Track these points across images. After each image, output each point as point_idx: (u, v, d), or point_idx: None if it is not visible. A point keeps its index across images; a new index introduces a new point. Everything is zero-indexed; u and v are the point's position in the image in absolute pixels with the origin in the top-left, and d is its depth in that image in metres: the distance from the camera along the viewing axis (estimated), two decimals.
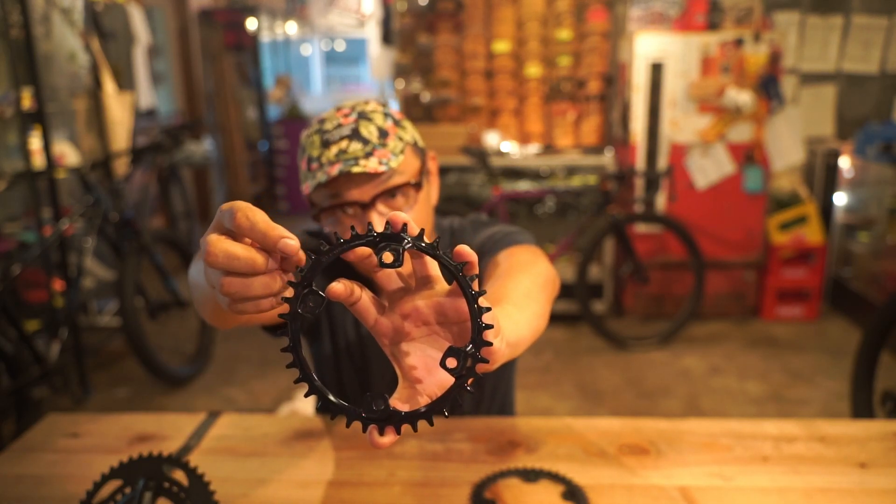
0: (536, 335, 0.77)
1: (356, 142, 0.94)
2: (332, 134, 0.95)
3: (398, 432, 0.51)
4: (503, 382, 1.25)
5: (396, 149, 0.96)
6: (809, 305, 3.78)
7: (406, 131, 1.00)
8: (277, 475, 1.02)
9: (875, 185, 3.60)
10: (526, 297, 0.81)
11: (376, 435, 0.50)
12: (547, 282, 0.92)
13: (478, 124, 4.23)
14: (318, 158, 0.95)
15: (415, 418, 0.50)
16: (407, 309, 0.54)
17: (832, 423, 1.12)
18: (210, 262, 0.51)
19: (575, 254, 3.82)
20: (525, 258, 0.97)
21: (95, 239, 2.97)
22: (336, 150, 0.94)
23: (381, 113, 0.99)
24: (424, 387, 0.53)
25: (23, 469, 1.06)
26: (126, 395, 3.06)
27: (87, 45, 3.50)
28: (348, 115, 0.97)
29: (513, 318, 0.69)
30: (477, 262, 0.51)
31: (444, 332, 0.55)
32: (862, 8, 3.99)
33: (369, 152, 0.94)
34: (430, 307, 0.54)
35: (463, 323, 0.54)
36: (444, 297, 0.54)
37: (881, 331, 2.20)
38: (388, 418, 0.50)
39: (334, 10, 7.84)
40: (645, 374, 3.20)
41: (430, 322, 0.55)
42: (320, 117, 1.00)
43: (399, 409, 0.51)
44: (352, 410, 0.51)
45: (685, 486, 0.96)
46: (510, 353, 0.65)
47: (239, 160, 6.43)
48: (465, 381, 0.50)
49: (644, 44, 3.53)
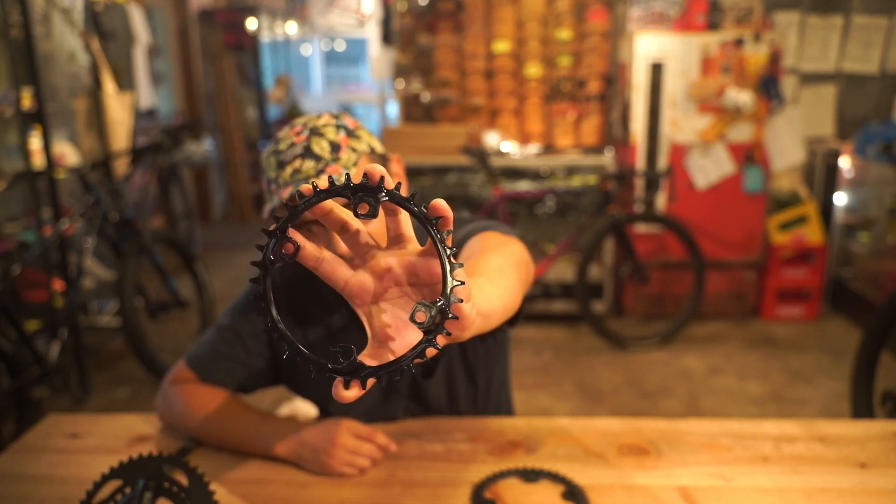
0: (509, 311, 0.77)
1: (308, 160, 0.94)
2: (286, 154, 0.96)
3: (364, 386, 0.50)
4: (497, 378, 1.25)
5: (349, 161, 0.96)
6: (809, 305, 3.78)
7: (360, 141, 0.99)
8: (277, 475, 1.02)
9: (875, 185, 3.60)
10: (498, 272, 0.81)
11: (341, 388, 0.50)
12: (521, 262, 0.92)
13: (478, 124, 4.23)
14: (275, 180, 0.96)
15: (381, 371, 0.50)
16: (378, 269, 0.54)
17: (832, 423, 1.12)
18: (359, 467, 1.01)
19: (575, 254, 3.82)
20: (497, 240, 0.97)
21: (95, 239, 2.97)
22: (290, 170, 0.94)
23: (332, 126, 0.98)
24: (393, 346, 0.53)
25: (23, 469, 1.06)
26: (126, 395, 3.06)
27: (87, 45, 3.50)
28: (300, 132, 0.97)
29: (484, 289, 0.69)
30: (452, 217, 0.50)
31: (415, 294, 0.55)
32: (862, 8, 3.99)
33: (321, 170, 0.94)
34: (402, 267, 0.53)
35: (434, 285, 0.53)
36: (417, 257, 0.53)
37: (881, 331, 2.20)
38: (353, 371, 0.50)
39: (334, 10, 7.84)
40: (645, 374, 3.20)
41: (402, 283, 0.54)
42: (276, 136, 1.00)
43: (366, 363, 0.51)
44: (318, 362, 0.51)
45: (685, 486, 0.96)
46: (482, 325, 0.66)
47: (239, 160, 6.43)
48: (434, 337, 0.49)
49: (644, 44, 3.53)
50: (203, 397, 1.10)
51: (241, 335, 1.13)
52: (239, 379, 1.14)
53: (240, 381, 1.14)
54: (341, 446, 1.00)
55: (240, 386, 1.15)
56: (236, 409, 1.09)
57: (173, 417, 1.12)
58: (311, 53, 8.71)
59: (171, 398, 1.12)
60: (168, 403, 1.12)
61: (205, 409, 1.08)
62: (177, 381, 1.14)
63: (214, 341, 1.14)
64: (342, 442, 1.00)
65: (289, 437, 1.03)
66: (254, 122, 6.80)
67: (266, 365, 1.16)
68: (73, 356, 2.88)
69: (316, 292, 1.13)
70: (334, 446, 1.00)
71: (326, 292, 1.14)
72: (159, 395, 1.15)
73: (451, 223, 0.51)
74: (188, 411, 1.09)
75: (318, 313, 1.14)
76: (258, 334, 1.14)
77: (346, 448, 1.00)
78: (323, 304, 1.13)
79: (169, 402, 1.12)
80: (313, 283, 1.13)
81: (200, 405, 1.09)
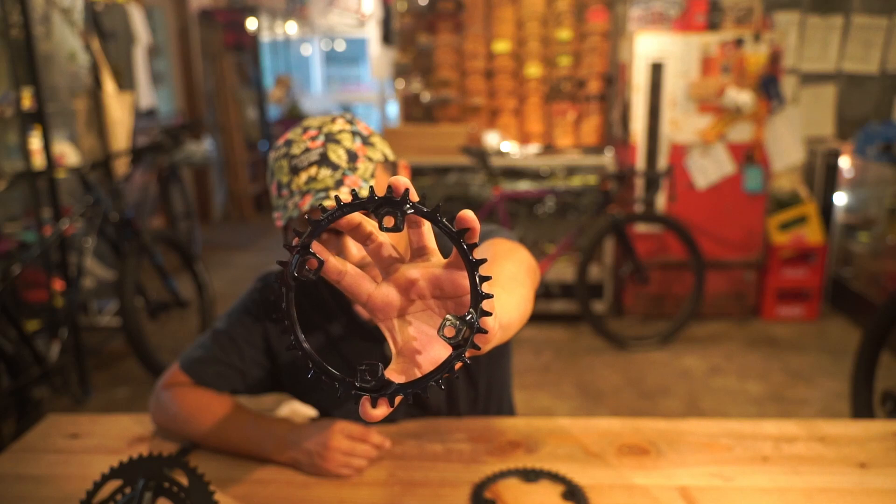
0: (524, 320, 0.77)
1: (325, 167, 0.93)
2: (301, 159, 0.94)
3: (392, 404, 0.49)
4: (497, 381, 1.24)
5: (367, 172, 0.95)
6: (809, 305, 3.78)
7: (375, 149, 0.98)
8: (277, 475, 1.02)
9: (875, 185, 3.60)
10: (512, 280, 0.80)
11: (368, 406, 0.49)
12: (530, 269, 0.92)
13: (478, 124, 4.23)
14: (287, 185, 0.94)
15: (409, 389, 0.49)
16: (402, 282, 0.53)
17: (832, 423, 1.12)
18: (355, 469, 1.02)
19: (575, 254, 3.82)
20: (507, 247, 0.97)
21: (95, 239, 2.97)
22: (305, 177, 0.93)
23: (348, 133, 0.97)
24: (420, 360, 0.52)
25: (23, 469, 1.06)
26: (126, 395, 3.06)
27: (87, 45, 3.50)
28: (315, 137, 0.95)
29: (502, 300, 0.68)
30: (479, 229, 0.49)
31: (439, 308, 0.54)
32: (862, 8, 3.99)
33: (339, 180, 0.92)
34: (426, 280, 0.52)
35: (459, 297, 0.52)
36: (441, 269, 0.52)
37: (881, 331, 2.20)
38: (380, 389, 0.49)
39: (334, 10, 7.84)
40: (645, 374, 3.20)
41: (426, 296, 0.53)
42: (287, 138, 0.98)
43: (394, 380, 0.49)
44: (344, 380, 0.50)
45: (685, 486, 0.96)
46: (501, 336, 0.65)
47: (239, 160, 6.43)
48: (463, 352, 0.48)
49: (644, 44, 3.53)
50: (197, 401, 1.10)
51: (237, 341, 1.13)
52: (233, 384, 1.13)
53: (234, 386, 1.14)
54: (335, 448, 1.00)
55: (234, 391, 1.15)
56: (231, 414, 1.09)
57: (167, 421, 1.12)
58: (311, 53, 8.71)
59: (165, 402, 1.12)
60: (162, 407, 1.12)
61: (199, 413, 1.08)
62: (171, 385, 1.13)
63: (210, 346, 1.13)
64: (336, 444, 1.00)
65: (283, 441, 1.03)
66: (254, 122, 6.80)
67: (262, 373, 1.15)
68: (73, 356, 2.88)
69: (316, 300, 1.13)
70: (328, 449, 1.00)
71: (327, 300, 1.14)
72: (152, 398, 1.14)
73: (477, 235, 0.49)
74: (182, 415, 1.09)
75: (318, 321, 1.13)
76: (254, 341, 1.14)
77: (341, 450, 1.00)
78: (324, 313, 1.13)
79: (163, 406, 1.12)
80: (314, 291, 1.13)
81: (195, 409, 1.09)
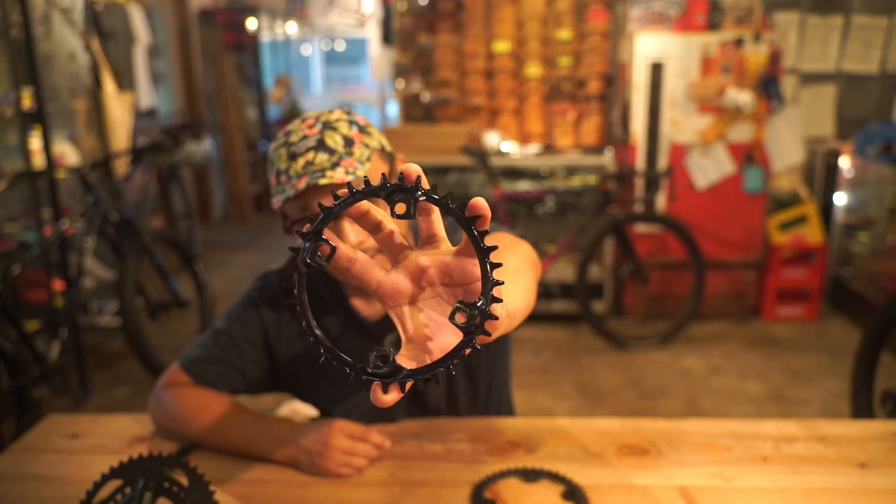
0: (528, 311, 0.78)
1: (322, 152, 0.95)
2: (298, 146, 0.96)
3: (403, 390, 0.50)
4: (497, 380, 1.24)
5: (363, 156, 0.97)
6: (809, 305, 3.78)
7: (372, 137, 1.00)
8: (277, 475, 1.02)
9: (875, 185, 3.60)
10: (517, 272, 0.81)
11: (380, 392, 0.49)
12: (533, 262, 0.94)
13: (478, 124, 4.23)
14: (286, 171, 0.96)
15: (420, 374, 0.49)
16: (412, 269, 0.54)
17: (832, 423, 1.12)
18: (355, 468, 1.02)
19: (575, 254, 3.82)
20: (508, 240, 0.98)
21: (95, 239, 2.97)
22: (303, 161, 0.95)
23: (345, 121, 0.99)
24: (431, 347, 0.53)
25: (23, 469, 1.06)
26: (126, 395, 3.06)
27: (87, 45, 3.50)
28: (313, 125, 0.98)
29: (508, 289, 0.69)
30: (490, 216, 0.50)
31: (448, 295, 0.54)
32: (862, 8, 3.99)
33: (335, 162, 0.94)
34: (436, 267, 0.53)
35: (468, 285, 0.53)
36: (451, 257, 0.53)
37: (881, 331, 2.20)
38: (392, 375, 0.49)
39: (334, 10, 7.84)
40: (645, 374, 3.20)
41: (435, 283, 0.54)
42: (286, 129, 1.00)
43: (405, 366, 0.50)
44: (356, 366, 0.50)
45: (685, 486, 0.96)
46: (508, 324, 0.66)
47: (239, 160, 6.43)
48: (474, 338, 0.48)
49: (644, 44, 3.53)
50: (197, 401, 1.10)
51: (237, 341, 1.13)
52: (233, 384, 1.14)
53: (234, 385, 1.14)
54: (335, 448, 1.00)
55: (234, 391, 1.15)
56: (230, 413, 1.09)
57: (167, 421, 1.12)
58: (311, 53, 8.71)
59: (165, 402, 1.12)
60: (162, 407, 1.12)
61: (199, 413, 1.08)
62: (170, 385, 1.13)
63: (209, 345, 1.14)
64: (336, 444, 1.00)
65: (283, 441, 1.03)
66: (254, 122, 6.80)
67: (261, 372, 1.15)
68: (73, 356, 2.88)
69: (314, 295, 1.13)
70: (328, 448, 1.00)
71: (325, 295, 1.14)
72: (152, 398, 1.15)
73: (489, 222, 0.50)
74: (182, 415, 1.09)
75: (316, 316, 1.13)
76: (253, 340, 1.14)
77: (341, 449, 1.00)
78: (321, 308, 1.13)
79: (163, 406, 1.12)
80: (311, 286, 1.13)
81: (195, 409, 1.09)
